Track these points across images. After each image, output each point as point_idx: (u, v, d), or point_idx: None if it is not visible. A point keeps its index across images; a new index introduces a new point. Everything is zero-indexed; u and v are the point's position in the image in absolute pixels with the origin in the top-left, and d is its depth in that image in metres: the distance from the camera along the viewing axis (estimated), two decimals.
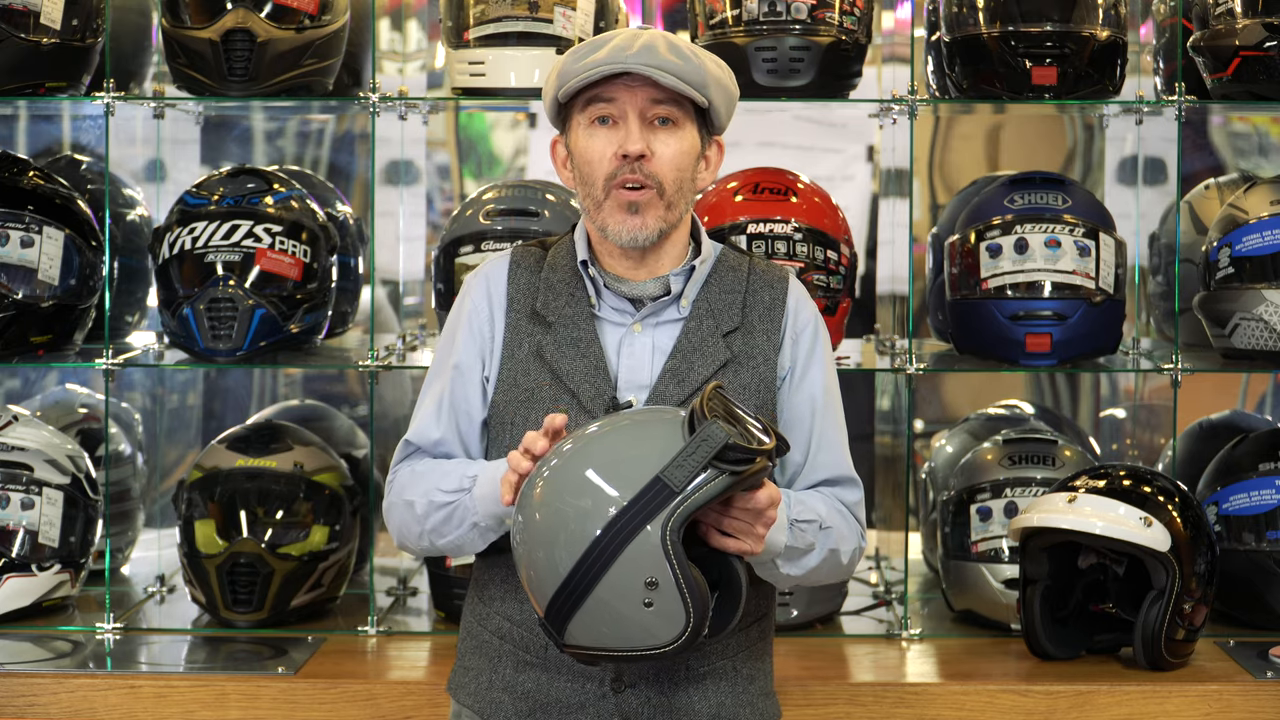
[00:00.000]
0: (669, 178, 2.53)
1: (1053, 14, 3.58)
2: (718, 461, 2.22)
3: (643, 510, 2.22)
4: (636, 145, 2.50)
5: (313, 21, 3.64)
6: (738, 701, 2.60)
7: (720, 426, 2.22)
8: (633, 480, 2.23)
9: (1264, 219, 3.63)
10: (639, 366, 2.57)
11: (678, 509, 2.21)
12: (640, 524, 2.22)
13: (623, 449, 2.28)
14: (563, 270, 2.62)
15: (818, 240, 3.61)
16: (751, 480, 2.26)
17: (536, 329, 2.59)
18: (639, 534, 2.22)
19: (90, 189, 3.94)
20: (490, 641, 2.62)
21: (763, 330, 2.61)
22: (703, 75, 2.52)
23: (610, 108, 2.52)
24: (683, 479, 2.21)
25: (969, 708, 3.30)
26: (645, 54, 2.49)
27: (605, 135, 2.53)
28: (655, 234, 2.54)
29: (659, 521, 2.21)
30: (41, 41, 3.64)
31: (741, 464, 2.22)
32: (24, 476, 3.69)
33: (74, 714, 3.31)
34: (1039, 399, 4.72)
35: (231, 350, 3.56)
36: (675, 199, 2.54)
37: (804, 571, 2.54)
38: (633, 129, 2.51)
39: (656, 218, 2.53)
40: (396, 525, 2.61)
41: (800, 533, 2.50)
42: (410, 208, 4.21)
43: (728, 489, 2.23)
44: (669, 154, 2.53)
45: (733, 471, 2.22)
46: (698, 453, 2.22)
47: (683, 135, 2.54)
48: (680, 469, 2.21)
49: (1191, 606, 3.38)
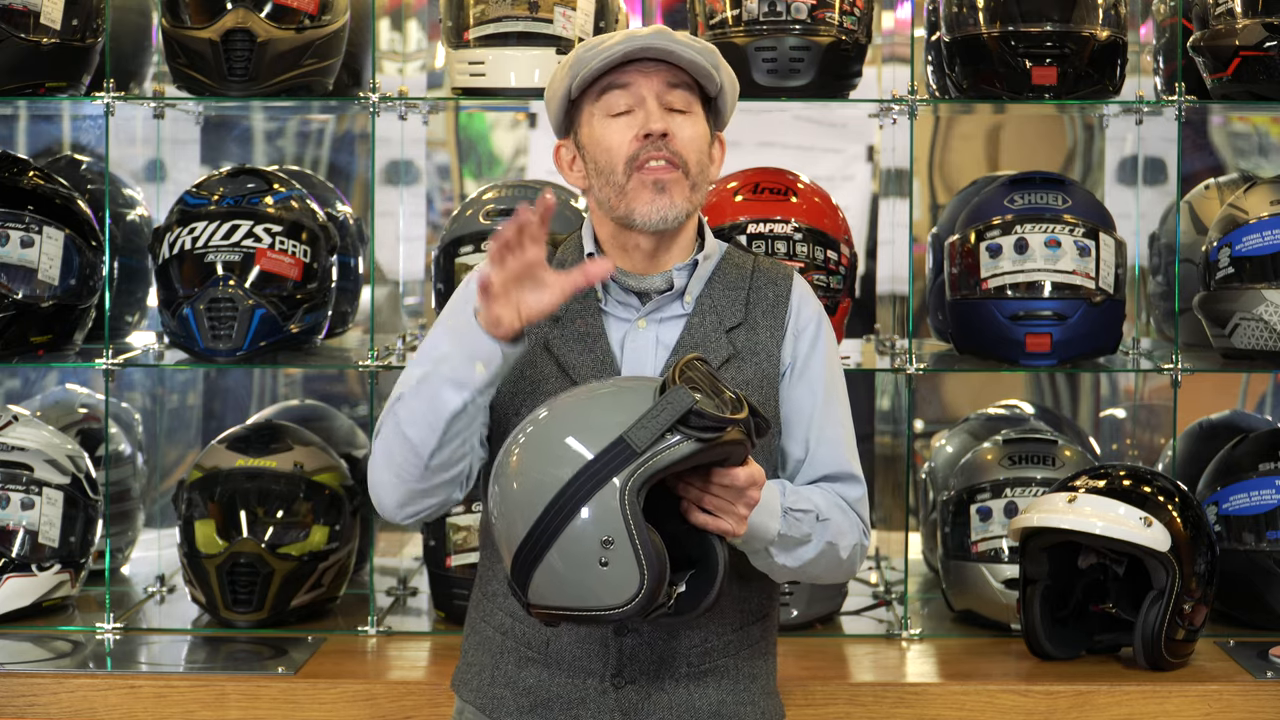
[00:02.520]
0: (692, 158, 2.55)
1: (1053, 14, 3.58)
2: (683, 426, 2.24)
3: (604, 468, 2.25)
4: (659, 123, 2.52)
5: (313, 21, 3.64)
6: (739, 700, 2.60)
7: (687, 392, 2.24)
8: (598, 441, 2.26)
9: (1264, 219, 3.63)
10: (643, 361, 2.58)
11: (638, 469, 2.24)
12: (600, 482, 2.25)
13: (595, 412, 2.31)
14: (571, 266, 2.62)
15: (818, 240, 3.61)
16: (722, 452, 2.27)
17: (544, 322, 2.59)
18: (598, 491, 2.25)
19: (90, 189, 3.94)
20: (493, 637, 2.62)
21: (766, 326, 2.62)
22: (715, 59, 2.57)
23: (626, 94, 2.54)
24: (645, 440, 2.24)
25: (969, 708, 3.30)
26: (661, 37, 2.53)
27: (623, 122, 2.55)
28: (683, 214, 2.55)
29: (619, 480, 2.24)
30: (41, 41, 3.64)
31: (709, 431, 2.24)
32: (24, 476, 3.69)
33: (74, 714, 3.31)
34: (1039, 399, 4.72)
35: (231, 350, 3.56)
36: (698, 180, 2.56)
37: (800, 564, 2.54)
38: (652, 109, 2.54)
39: (683, 198, 2.55)
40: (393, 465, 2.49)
41: (795, 522, 2.50)
42: (410, 208, 4.21)
43: (692, 454, 2.25)
44: (689, 135, 2.55)
45: (699, 438, 2.24)
46: (662, 415, 2.25)
47: (696, 121, 2.57)
48: (644, 430, 2.24)
49: (1191, 606, 3.38)
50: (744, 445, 2.30)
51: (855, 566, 2.65)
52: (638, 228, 2.55)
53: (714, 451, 2.27)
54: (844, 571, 2.64)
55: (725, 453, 2.29)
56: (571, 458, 2.28)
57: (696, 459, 2.27)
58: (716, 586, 2.35)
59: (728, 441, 2.26)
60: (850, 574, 2.69)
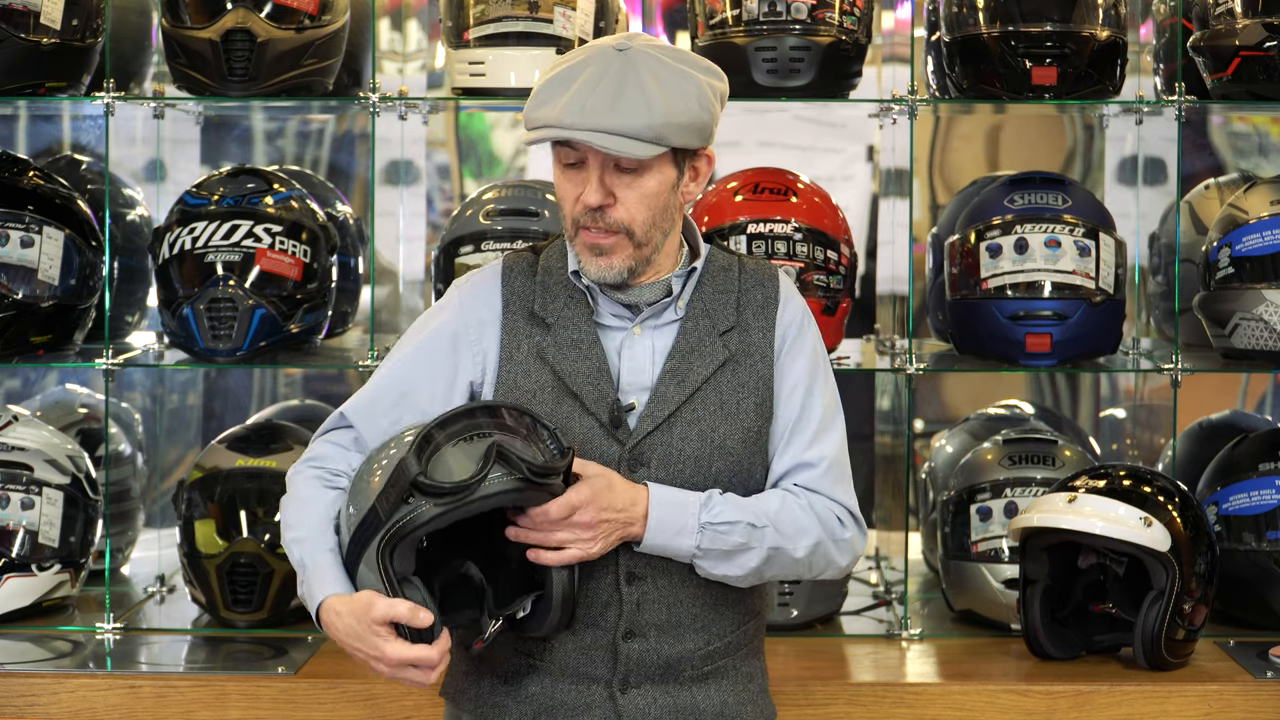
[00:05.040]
0: (637, 219, 2.50)
1: (1053, 14, 3.58)
2: (419, 493, 2.36)
3: (364, 535, 2.41)
4: (594, 198, 2.48)
5: (313, 21, 3.64)
6: (739, 700, 2.61)
7: (410, 460, 2.36)
8: (363, 507, 2.42)
9: (1264, 219, 3.63)
10: (640, 369, 2.57)
11: (384, 536, 2.37)
12: (362, 548, 2.41)
13: (370, 476, 2.44)
14: (558, 273, 2.62)
15: (818, 240, 3.61)
16: (477, 507, 2.37)
17: (536, 330, 2.58)
18: (363, 556, 2.41)
19: (90, 189, 3.94)
20: (491, 646, 2.62)
21: (758, 328, 2.61)
22: (659, 125, 2.43)
23: (572, 153, 2.50)
24: (387, 510, 2.38)
25: (969, 708, 3.30)
26: (596, 115, 2.42)
27: (573, 177, 2.51)
28: (625, 273, 2.53)
29: (372, 547, 2.39)
30: (41, 41, 3.64)
31: (445, 496, 2.35)
32: (24, 476, 3.69)
33: (74, 714, 3.31)
34: (1039, 399, 4.71)
35: (231, 350, 3.56)
36: (647, 237, 2.52)
37: (744, 571, 2.53)
38: (592, 179, 2.48)
39: (625, 258, 2.52)
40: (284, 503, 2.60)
41: (719, 535, 2.49)
42: (410, 208, 4.21)
43: (436, 518, 2.36)
44: (634, 197, 2.49)
45: (438, 503, 2.36)
46: (394, 486, 2.37)
47: (648, 177, 2.50)
48: (384, 500, 2.38)
49: (1191, 606, 3.38)
50: (526, 491, 2.39)
51: (831, 563, 2.60)
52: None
53: (465, 510, 2.37)
54: (816, 570, 2.60)
55: (481, 507, 2.38)
56: (347, 521, 2.45)
57: (446, 519, 2.37)
58: (555, 611, 2.46)
59: (482, 497, 2.36)
60: (827, 571, 2.62)
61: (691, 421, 2.55)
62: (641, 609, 2.54)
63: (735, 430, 2.56)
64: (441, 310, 2.64)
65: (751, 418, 2.57)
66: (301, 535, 2.50)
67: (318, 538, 2.49)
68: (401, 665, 2.39)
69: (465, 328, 2.60)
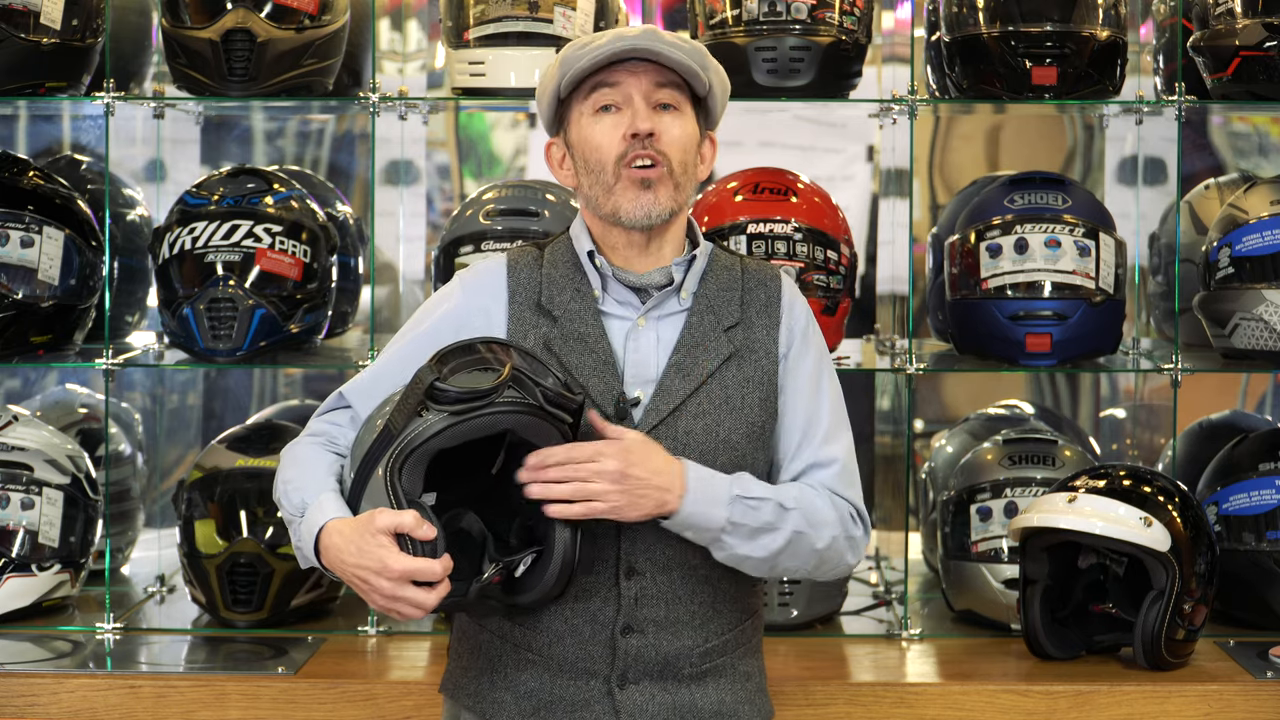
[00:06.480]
0: (676, 157, 2.57)
1: (1053, 14, 3.58)
2: (433, 403, 2.36)
3: (375, 454, 2.42)
4: (646, 123, 2.55)
5: (313, 21, 3.65)
6: (737, 698, 2.61)
7: (430, 369, 2.37)
8: (374, 432, 2.45)
9: (1264, 219, 3.63)
10: (645, 361, 2.58)
11: (395, 450, 2.38)
12: (372, 467, 2.42)
13: (371, 428, 2.47)
14: (564, 266, 2.63)
15: (818, 240, 3.61)
16: (490, 424, 2.37)
17: (542, 321, 2.60)
18: (372, 476, 2.42)
19: (90, 189, 3.94)
20: (490, 641, 2.62)
21: (762, 325, 2.62)
22: (704, 59, 2.59)
23: (614, 93, 2.56)
24: (400, 423, 2.38)
25: (969, 708, 3.30)
26: (648, 37, 2.55)
27: (611, 120, 2.57)
28: (667, 212, 2.57)
29: (384, 463, 2.39)
30: (41, 41, 3.64)
31: (458, 403, 2.35)
32: (24, 476, 3.69)
33: (74, 714, 3.31)
34: (1039, 399, 4.72)
35: (231, 350, 3.57)
36: (683, 180, 2.59)
37: (767, 553, 2.53)
38: (640, 108, 2.56)
39: (668, 195, 2.57)
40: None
41: (749, 509, 2.50)
42: (410, 208, 4.21)
43: (449, 428, 2.36)
44: (675, 134, 2.57)
45: (453, 412, 2.34)
46: (410, 396, 2.38)
47: (685, 120, 2.59)
48: (399, 414, 2.39)
49: (1191, 606, 3.38)
50: (538, 419, 2.39)
51: (842, 560, 2.61)
52: (624, 225, 2.57)
53: (469, 424, 2.36)
54: (828, 565, 2.60)
55: (493, 424, 2.37)
56: (357, 447, 2.48)
57: (453, 430, 2.36)
58: (553, 575, 2.44)
59: (495, 412, 2.35)
60: (837, 568, 2.63)
61: (696, 415, 2.56)
62: (640, 604, 2.54)
63: (740, 425, 2.57)
64: (446, 298, 2.67)
65: (756, 412, 2.58)
66: (301, 483, 2.52)
67: (320, 482, 2.52)
68: (403, 580, 2.36)
69: (470, 314, 2.62)
